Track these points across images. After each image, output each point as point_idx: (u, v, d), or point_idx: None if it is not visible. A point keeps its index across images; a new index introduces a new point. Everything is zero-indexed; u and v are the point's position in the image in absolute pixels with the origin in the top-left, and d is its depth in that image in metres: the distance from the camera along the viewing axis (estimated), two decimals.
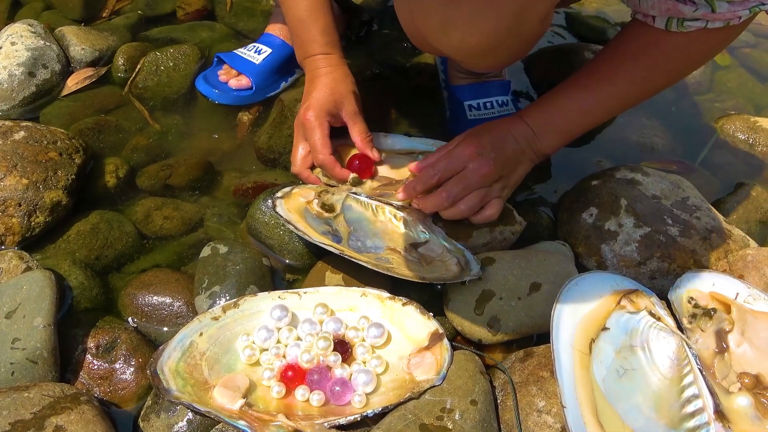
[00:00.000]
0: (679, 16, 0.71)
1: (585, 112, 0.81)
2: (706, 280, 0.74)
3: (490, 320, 0.72)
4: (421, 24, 0.69)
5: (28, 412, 0.61)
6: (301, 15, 0.87)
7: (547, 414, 0.65)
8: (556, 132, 0.82)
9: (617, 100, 0.82)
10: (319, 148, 0.82)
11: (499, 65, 0.92)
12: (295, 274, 0.82)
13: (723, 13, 0.69)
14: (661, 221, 0.82)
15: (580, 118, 0.82)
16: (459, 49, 0.71)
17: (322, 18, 0.88)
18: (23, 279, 0.72)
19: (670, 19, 0.72)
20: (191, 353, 0.67)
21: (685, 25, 0.72)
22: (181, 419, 0.65)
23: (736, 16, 0.70)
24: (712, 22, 0.71)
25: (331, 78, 0.86)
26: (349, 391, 0.66)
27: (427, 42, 0.71)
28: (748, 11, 0.69)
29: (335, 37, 0.89)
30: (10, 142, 0.85)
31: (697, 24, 0.71)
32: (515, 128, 0.82)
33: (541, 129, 0.82)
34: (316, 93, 0.84)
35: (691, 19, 0.71)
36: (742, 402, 0.64)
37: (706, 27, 0.71)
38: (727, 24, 0.71)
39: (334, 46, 0.89)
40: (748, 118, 1.07)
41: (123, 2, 1.20)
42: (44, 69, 1.01)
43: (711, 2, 0.69)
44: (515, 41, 0.70)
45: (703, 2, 0.69)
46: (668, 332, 0.68)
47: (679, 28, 0.72)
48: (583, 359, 0.66)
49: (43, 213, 0.81)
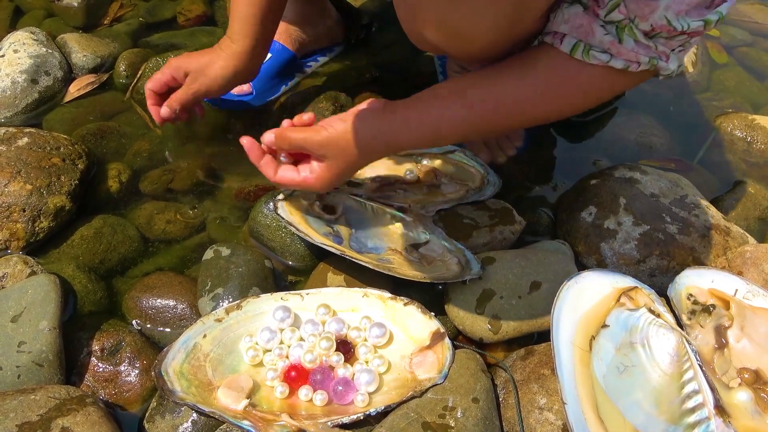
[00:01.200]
0: (588, 39, 0.67)
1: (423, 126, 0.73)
2: (705, 277, 0.74)
3: (491, 319, 0.73)
4: (419, 20, 0.69)
5: (35, 414, 0.61)
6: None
7: (549, 411, 0.65)
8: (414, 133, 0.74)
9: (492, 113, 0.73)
10: (152, 79, 0.88)
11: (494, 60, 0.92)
12: (297, 275, 0.82)
13: (627, 51, 0.65)
14: (659, 219, 0.82)
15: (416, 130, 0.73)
16: (456, 46, 0.71)
17: (247, 9, 0.85)
18: (28, 283, 0.73)
19: (577, 44, 0.67)
20: (195, 355, 0.68)
21: (590, 54, 0.67)
22: (185, 420, 0.66)
23: (637, 61, 0.66)
24: (615, 59, 0.66)
25: (212, 57, 0.86)
26: (352, 390, 0.66)
27: (424, 39, 0.72)
28: (648, 60, 0.66)
29: (251, 31, 0.85)
30: (13, 148, 0.85)
31: (602, 57, 0.66)
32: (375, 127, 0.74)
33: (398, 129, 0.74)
34: (194, 54, 0.87)
35: (599, 49, 0.67)
36: (742, 397, 0.65)
37: (609, 64, 0.67)
38: (627, 68, 0.67)
39: (243, 37, 0.85)
40: (746, 117, 1.07)
41: (124, 9, 1.21)
42: (47, 76, 1.02)
43: (619, 32, 0.65)
44: (512, 38, 0.71)
45: (613, 30, 0.65)
46: (668, 329, 0.69)
47: (584, 56, 0.67)
48: (584, 356, 0.67)
49: (47, 218, 0.82)
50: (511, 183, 0.92)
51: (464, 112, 0.72)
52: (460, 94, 0.73)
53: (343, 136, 0.71)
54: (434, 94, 0.73)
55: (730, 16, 1.33)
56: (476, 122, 0.73)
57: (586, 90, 0.72)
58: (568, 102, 0.74)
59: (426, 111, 0.73)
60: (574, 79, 0.70)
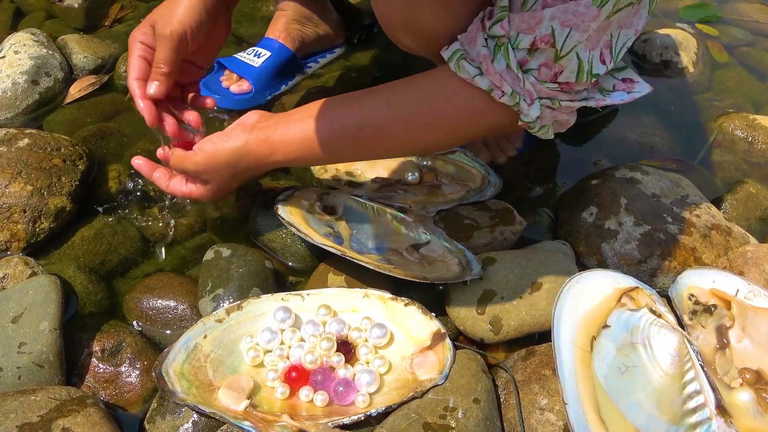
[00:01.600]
0: (469, 46, 0.63)
1: (305, 140, 0.71)
2: (707, 277, 0.74)
3: (492, 319, 0.73)
4: (388, 23, 0.69)
5: (35, 415, 0.61)
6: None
7: (550, 412, 0.65)
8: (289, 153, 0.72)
9: (340, 140, 0.70)
10: (129, 71, 0.76)
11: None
12: (298, 276, 0.82)
13: (494, 72, 0.62)
14: (660, 219, 0.82)
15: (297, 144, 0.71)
16: (425, 49, 0.71)
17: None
18: (29, 284, 0.73)
19: (456, 52, 0.63)
20: (196, 355, 0.68)
21: (460, 64, 0.63)
22: (186, 421, 0.66)
23: (500, 88, 0.62)
24: (481, 78, 0.62)
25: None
26: (353, 391, 0.66)
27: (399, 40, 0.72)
28: (510, 91, 0.62)
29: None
30: (14, 149, 0.85)
31: (471, 70, 0.62)
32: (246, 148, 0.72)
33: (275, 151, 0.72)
34: (154, 11, 0.76)
35: (471, 62, 0.63)
36: (743, 397, 0.64)
37: (474, 80, 0.63)
38: (490, 91, 0.63)
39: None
40: (747, 116, 1.07)
41: (124, 10, 1.21)
42: (47, 77, 1.02)
43: (495, 49, 0.61)
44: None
45: (492, 45, 0.62)
46: (669, 329, 0.69)
47: (455, 66, 0.63)
48: (585, 357, 0.66)
49: (48, 219, 0.82)
50: (511, 183, 0.92)
51: (323, 129, 0.69)
52: (328, 110, 0.70)
53: (213, 155, 0.73)
54: (307, 110, 0.71)
55: (730, 16, 1.33)
56: (334, 142, 0.70)
57: (446, 113, 0.67)
58: (429, 127, 0.68)
59: (290, 129, 0.71)
60: (442, 101, 0.66)
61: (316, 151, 0.71)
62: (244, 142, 0.72)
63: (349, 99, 0.72)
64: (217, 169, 0.74)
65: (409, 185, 0.88)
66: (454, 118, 0.67)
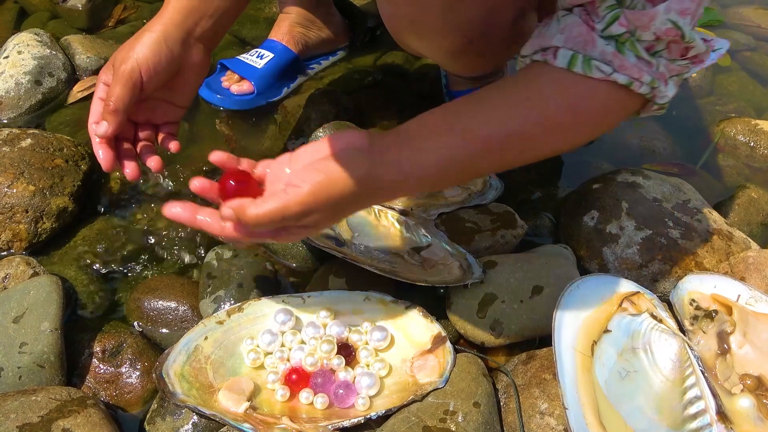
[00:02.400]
0: (587, 49, 0.59)
1: (442, 162, 0.61)
2: (708, 282, 0.74)
3: (493, 323, 0.73)
4: (396, 25, 0.69)
5: (36, 415, 0.61)
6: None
7: (550, 416, 0.65)
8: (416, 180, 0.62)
9: (480, 154, 0.62)
10: (90, 114, 0.70)
11: (476, 68, 0.88)
12: (299, 278, 0.82)
13: (630, 65, 0.59)
14: (662, 224, 0.82)
15: (433, 167, 0.61)
16: (431, 51, 0.71)
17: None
18: (30, 284, 0.73)
19: (575, 56, 0.60)
20: (196, 357, 0.68)
21: (592, 65, 0.59)
22: (186, 422, 0.66)
23: (640, 79, 0.60)
24: (618, 73, 0.59)
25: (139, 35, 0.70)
26: (353, 393, 0.66)
27: (409, 46, 0.72)
28: (650, 79, 0.60)
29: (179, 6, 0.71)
30: (17, 149, 0.86)
31: (605, 69, 0.59)
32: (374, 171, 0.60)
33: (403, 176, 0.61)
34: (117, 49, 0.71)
35: (601, 59, 0.59)
36: (744, 403, 0.64)
37: (611, 78, 0.59)
38: (629, 84, 0.60)
39: (180, 13, 0.71)
40: (749, 121, 1.07)
41: (128, 11, 1.21)
42: (50, 77, 1.03)
43: (619, 47, 0.59)
44: (486, 45, 0.70)
45: (613, 44, 0.59)
46: (670, 334, 0.69)
47: (585, 68, 0.59)
48: (585, 361, 0.66)
49: (50, 219, 0.82)
50: (513, 187, 0.92)
51: (463, 146, 0.61)
52: (458, 123, 0.61)
53: (327, 188, 0.57)
54: (424, 127, 0.63)
55: (733, 21, 1.33)
56: (479, 157, 0.62)
57: (589, 112, 0.63)
58: (573, 128, 0.64)
59: (420, 152, 0.61)
60: (580, 101, 0.62)
61: (457, 170, 0.63)
62: (369, 168, 0.59)
63: (473, 110, 0.62)
64: (330, 205, 0.58)
65: None
66: (594, 115, 0.64)
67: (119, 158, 0.70)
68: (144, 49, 0.68)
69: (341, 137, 0.61)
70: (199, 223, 0.62)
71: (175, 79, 0.72)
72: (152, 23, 0.70)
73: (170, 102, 0.75)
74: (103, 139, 0.68)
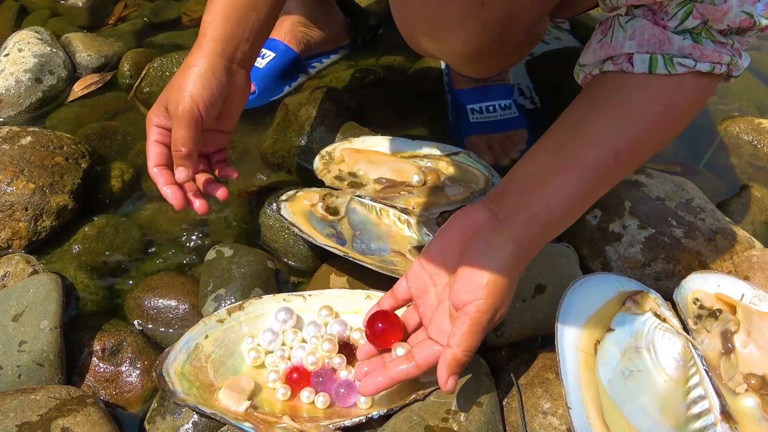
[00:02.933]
0: (664, 49, 0.60)
1: (569, 200, 0.61)
2: (711, 282, 0.73)
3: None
4: (410, 27, 0.69)
5: (35, 414, 0.61)
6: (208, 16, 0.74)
7: (553, 416, 0.65)
8: (546, 234, 0.63)
9: (599, 180, 0.62)
10: (148, 159, 0.72)
11: (489, 70, 0.90)
12: (300, 276, 0.82)
13: (710, 52, 0.59)
14: (665, 223, 0.82)
15: (563, 208, 0.61)
16: (446, 53, 0.71)
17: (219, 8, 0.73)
18: (30, 282, 0.73)
19: (654, 57, 0.60)
20: (197, 356, 0.68)
21: (674, 63, 0.59)
22: (186, 421, 0.65)
23: (720, 62, 0.60)
24: (701, 63, 0.59)
25: (179, 75, 0.71)
26: (354, 392, 0.66)
27: (421, 46, 0.71)
28: (729, 58, 0.60)
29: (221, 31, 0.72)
30: (17, 147, 0.85)
31: (688, 63, 0.59)
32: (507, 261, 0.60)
33: (531, 243, 0.61)
34: (165, 89, 0.72)
35: (680, 55, 0.60)
36: (748, 403, 0.64)
37: (696, 68, 0.59)
38: (712, 70, 0.60)
39: (220, 41, 0.72)
40: (752, 120, 1.07)
41: (129, 9, 1.21)
42: (51, 75, 1.02)
43: (696, 38, 0.59)
44: (501, 48, 0.70)
45: (689, 37, 0.59)
46: (673, 333, 0.68)
47: (669, 67, 0.59)
48: (588, 360, 0.66)
49: (50, 217, 0.82)
50: None
51: (582, 180, 0.61)
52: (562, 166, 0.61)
53: (497, 287, 0.58)
54: (538, 175, 0.62)
55: None
56: (600, 185, 0.63)
57: (683, 107, 0.63)
58: (673, 126, 0.65)
59: (545, 198, 0.60)
60: (673, 98, 0.62)
61: (584, 202, 0.63)
62: (512, 238, 0.59)
63: (576, 140, 0.62)
64: (508, 295, 0.60)
65: (412, 187, 0.87)
66: (690, 106, 0.65)
67: (185, 195, 0.72)
68: (196, 85, 0.69)
69: (461, 221, 0.61)
70: (393, 378, 0.62)
71: (222, 107, 0.73)
72: (194, 57, 0.71)
73: (218, 130, 0.76)
74: (173, 183, 0.71)
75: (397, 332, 0.63)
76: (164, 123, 0.71)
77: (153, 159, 0.72)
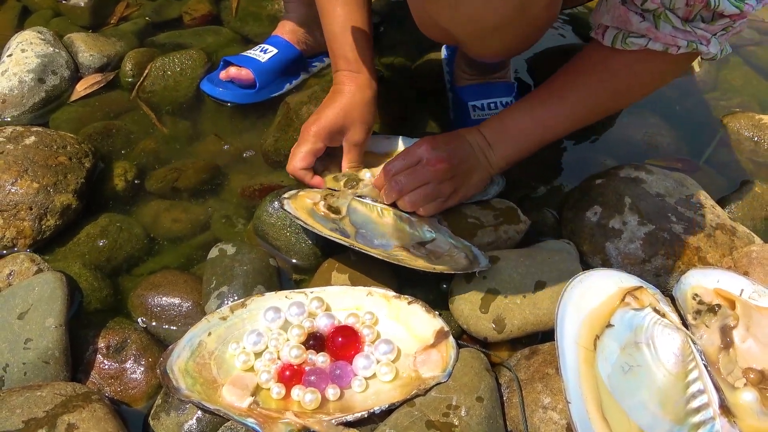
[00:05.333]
0: (626, 27, 0.72)
1: (537, 125, 0.81)
2: (711, 277, 0.74)
3: (496, 318, 0.73)
4: (432, 6, 0.69)
5: (41, 410, 0.62)
6: (335, 29, 0.87)
7: (553, 410, 0.65)
8: (510, 143, 0.82)
9: (567, 117, 0.81)
10: (296, 160, 0.84)
11: (505, 50, 0.90)
12: (302, 274, 0.83)
13: (664, 35, 0.70)
14: (665, 219, 0.82)
15: (532, 131, 0.82)
16: (467, 27, 0.72)
17: (354, 34, 0.86)
18: (35, 281, 0.73)
19: (617, 35, 0.73)
20: (200, 352, 0.68)
21: (628, 41, 0.72)
22: (190, 417, 0.66)
23: (675, 45, 0.71)
24: (653, 42, 0.71)
25: (348, 100, 0.85)
26: (350, 373, 0.67)
27: (434, 23, 0.72)
28: (686, 44, 0.70)
29: (367, 55, 0.87)
30: (21, 147, 0.86)
31: (640, 42, 0.72)
32: (470, 136, 0.82)
33: (495, 139, 0.82)
34: (329, 111, 0.84)
35: (636, 35, 0.72)
36: (747, 397, 0.64)
37: (647, 47, 0.72)
38: (666, 50, 0.71)
39: (363, 63, 0.87)
40: (753, 116, 1.07)
41: (130, 8, 1.22)
42: (53, 75, 1.03)
43: (656, 19, 0.69)
44: (522, 23, 0.71)
45: (650, 17, 0.70)
46: (673, 328, 0.68)
47: (623, 45, 0.73)
48: (588, 356, 0.66)
49: (54, 216, 0.82)
50: (515, 182, 0.91)
51: (567, 111, 0.81)
52: (558, 98, 0.81)
53: (441, 136, 0.81)
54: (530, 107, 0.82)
55: None
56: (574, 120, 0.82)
57: (644, 77, 0.78)
58: (630, 93, 0.82)
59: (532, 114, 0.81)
60: (632, 68, 0.76)
61: (538, 133, 0.82)
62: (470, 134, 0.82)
63: (563, 86, 0.81)
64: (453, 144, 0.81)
65: None
66: (651, 75, 0.79)
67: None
68: (372, 115, 0.87)
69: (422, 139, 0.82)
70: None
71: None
72: (352, 84, 0.86)
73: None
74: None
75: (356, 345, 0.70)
76: (328, 140, 0.85)
77: (304, 160, 0.85)
